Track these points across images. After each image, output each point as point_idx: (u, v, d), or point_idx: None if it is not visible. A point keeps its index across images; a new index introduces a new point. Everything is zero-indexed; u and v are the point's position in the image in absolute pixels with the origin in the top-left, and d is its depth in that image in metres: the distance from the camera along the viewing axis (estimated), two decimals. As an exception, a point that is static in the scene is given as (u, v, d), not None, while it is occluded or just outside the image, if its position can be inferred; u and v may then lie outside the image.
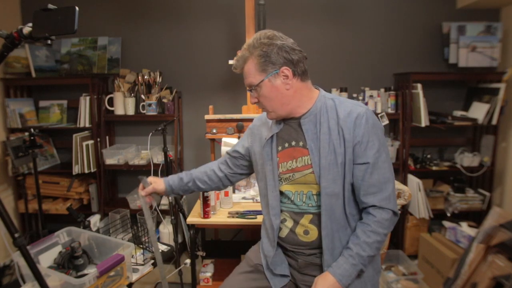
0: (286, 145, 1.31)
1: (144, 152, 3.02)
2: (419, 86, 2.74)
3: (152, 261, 1.73)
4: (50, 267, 1.53)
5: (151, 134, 2.43)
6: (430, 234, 2.79)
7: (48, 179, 2.99)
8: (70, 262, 1.53)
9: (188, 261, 2.18)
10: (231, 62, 2.44)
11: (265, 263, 1.39)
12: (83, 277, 1.32)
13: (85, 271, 1.55)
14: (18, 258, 1.38)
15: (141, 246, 1.77)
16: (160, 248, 1.89)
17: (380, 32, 3.02)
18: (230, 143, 2.39)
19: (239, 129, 2.47)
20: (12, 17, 3.00)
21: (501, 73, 2.80)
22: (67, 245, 1.58)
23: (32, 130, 2.43)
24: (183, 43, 3.08)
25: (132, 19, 3.08)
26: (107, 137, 3.04)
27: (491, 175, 2.92)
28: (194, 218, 1.98)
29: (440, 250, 2.53)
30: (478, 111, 2.82)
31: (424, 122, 2.75)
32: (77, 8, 1.06)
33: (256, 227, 1.59)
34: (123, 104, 2.94)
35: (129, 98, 2.93)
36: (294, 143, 1.30)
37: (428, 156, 2.98)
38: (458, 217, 2.86)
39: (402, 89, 2.89)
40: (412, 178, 2.82)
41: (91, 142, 2.92)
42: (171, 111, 2.94)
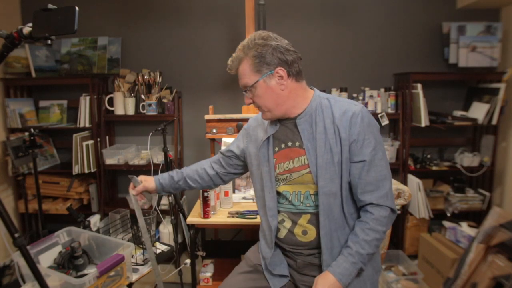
0: (282, 146, 1.31)
1: (144, 152, 3.02)
2: (419, 86, 2.74)
3: (152, 261, 1.74)
4: (50, 267, 1.53)
5: (151, 134, 2.43)
6: (430, 234, 2.79)
7: (48, 179, 2.99)
8: (70, 262, 1.53)
9: (188, 261, 2.18)
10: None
11: (264, 263, 1.39)
12: (83, 277, 1.32)
13: (85, 271, 1.55)
14: (18, 258, 1.38)
15: (141, 246, 1.77)
16: (160, 248, 1.89)
17: (380, 32, 3.02)
18: (230, 143, 2.38)
19: (239, 129, 2.46)
20: (12, 17, 3.00)
21: (501, 73, 2.80)
22: (67, 245, 1.58)
23: (32, 130, 2.43)
24: (183, 43, 3.08)
25: (132, 19, 3.08)
26: (107, 137, 3.04)
27: (491, 175, 2.92)
28: (194, 218, 1.97)
29: (440, 250, 2.53)
30: (478, 111, 2.82)
31: (424, 122, 2.75)
32: (77, 8, 1.06)
33: (256, 227, 1.59)
34: (123, 104, 2.94)
35: (129, 98, 2.93)
36: (290, 144, 1.30)
37: (428, 156, 2.98)
38: (458, 217, 2.86)
39: (402, 89, 2.89)
40: (412, 178, 2.82)
41: (91, 142, 2.92)
42: (171, 111, 2.94)
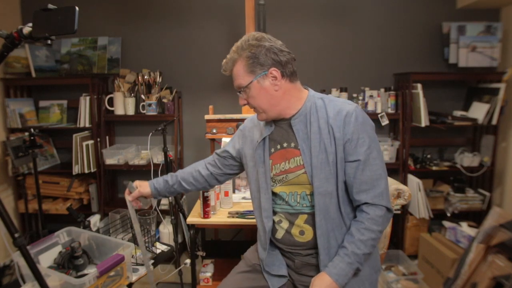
0: (278, 146, 1.31)
1: (144, 152, 3.02)
2: (419, 86, 2.74)
3: (152, 261, 1.74)
4: (50, 267, 1.53)
5: (151, 134, 2.43)
6: (430, 234, 2.79)
7: (48, 179, 2.99)
8: (70, 262, 1.53)
9: (188, 261, 2.18)
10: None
11: (262, 264, 1.39)
12: (83, 277, 1.32)
13: (85, 271, 1.55)
14: (18, 258, 1.38)
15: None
16: (160, 248, 1.89)
17: (380, 32, 3.02)
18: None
19: (239, 129, 2.46)
20: (12, 17, 3.00)
21: (501, 73, 2.80)
22: (67, 245, 1.58)
23: (32, 130, 2.43)
24: (183, 43, 3.08)
25: (132, 19, 3.08)
26: (107, 137, 3.04)
27: (491, 175, 2.92)
28: (194, 218, 1.97)
29: (440, 250, 2.53)
30: (478, 111, 2.82)
31: (424, 122, 2.75)
32: (77, 8, 1.06)
33: (256, 227, 1.59)
34: (123, 104, 2.94)
35: (129, 98, 2.93)
36: (285, 145, 1.30)
37: (428, 156, 2.98)
38: (458, 217, 2.86)
39: (402, 89, 2.89)
40: (412, 178, 2.82)
41: (91, 142, 2.92)
42: (171, 111, 2.94)
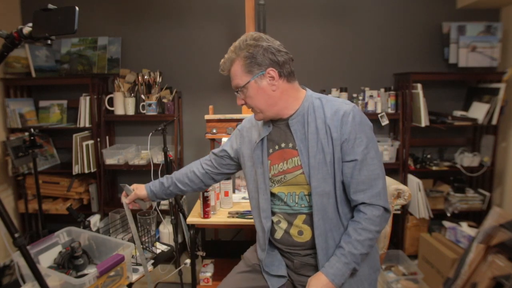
0: (276, 147, 1.31)
1: (144, 152, 3.02)
2: (419, 86, 2.74)
3: (152, 261, 1.74)
4: (50, 267, 1.53)
5: (151, 134, 2.43)
6: (430, 234, 2.79)
7: (48, 179, 2.99)
8: (70, 262, 1.53)
9: (188, 261, 2.18)
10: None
11: (261, 264, 1.39)
12: (83, 277, 1.32)
13: (85, 271, 1.55)
14: (18, 258, 1.38)
15: (141, 246, 1.77)
16: (160, 248, 1.89)
17: (380, 32, 3.02)
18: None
19: (239, 129, 2.46)
20: (12, 17, 3.00)
21: (501, 73, 2.80)
22: (67, 245, 1.58)
23: (32, 130, 2.43)
24: (183, 43, 3.08)
25: (132, 19, 3.08)
26: (107, 137, 3.04)
27: (491, 175, 2.92)
28: (194, 218, 1.97)
29: (440, 250, 2.53)
30: (478, 111, 2.82)
31: (424, 122, 2.75)
32: (77, 8, 1.06)
33: (256, 227, 1.60)
34: (123, 104, 2.94)
35: (129, 98, 2.93)
36: (284, 145, 1.30)
37: (428, 156, 2.98)
38: (458, 217, 2.86)
39: (402, 89, 2.89)
40: (412, 178, 2.82)
41: (91, 142, 2.92)
42: (171, 111, 2.94)
